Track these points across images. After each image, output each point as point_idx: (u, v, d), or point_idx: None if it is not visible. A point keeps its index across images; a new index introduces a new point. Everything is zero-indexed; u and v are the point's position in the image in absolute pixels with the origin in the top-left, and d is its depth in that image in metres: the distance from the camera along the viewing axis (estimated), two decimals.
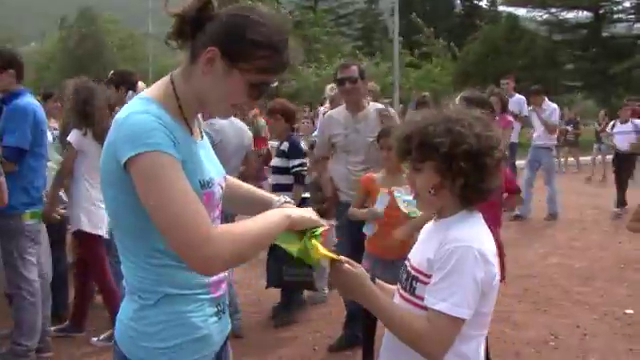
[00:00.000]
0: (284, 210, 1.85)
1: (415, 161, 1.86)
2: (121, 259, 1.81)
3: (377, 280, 2.00)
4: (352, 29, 50.51)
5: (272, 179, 5.59)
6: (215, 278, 1.84)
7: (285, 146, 5.42)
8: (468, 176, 1.79)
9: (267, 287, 5.41)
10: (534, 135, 10.27)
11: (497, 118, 6.21)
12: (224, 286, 1.92)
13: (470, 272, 1.73)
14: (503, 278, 4.23)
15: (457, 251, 1.74)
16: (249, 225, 1.71)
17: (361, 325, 4.34)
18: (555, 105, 10.33)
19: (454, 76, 26.04)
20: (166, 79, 1.82)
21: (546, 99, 10.16)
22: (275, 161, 5.53)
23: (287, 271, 4.66)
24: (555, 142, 10.59)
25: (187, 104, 1.79)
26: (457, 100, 3.57)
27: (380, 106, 5.01)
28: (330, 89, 8.46)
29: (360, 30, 50.95)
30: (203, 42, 1.72)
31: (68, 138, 4.78)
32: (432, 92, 17.21)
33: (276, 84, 1.86)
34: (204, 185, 1.77)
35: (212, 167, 1.88)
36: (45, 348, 4.65)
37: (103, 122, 4.68)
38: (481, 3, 44.89)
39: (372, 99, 5.45)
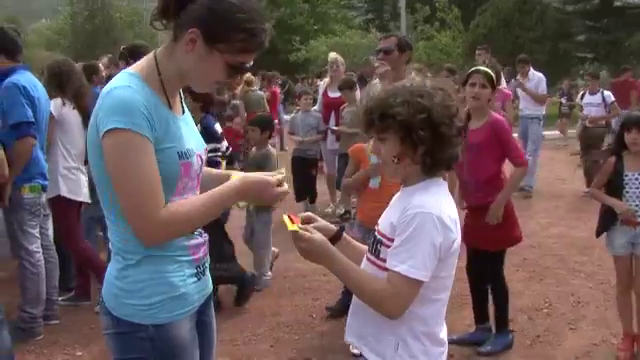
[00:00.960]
0: (232, 184, 1.98)
1: (378, 131, 1.94)
2: (107, 223, 1.94)
3: (347, 237, 2.12)
4: (362, 1, 50.07)
5: None
6: (194, 241, 1.99)
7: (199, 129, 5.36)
8: (428, 145, 1.86)
9: None
10: (520, 105, 10.15)
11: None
12: (204, 249, 2.05)
13: (428, 237, 1.82)
14: (519, 239, 4.40)
15: (417, 217, 1.83)
16: (197, 205, 1.89)
17: None
18: (541, 74, 10.06)
19: (464, 48, 25.84)
20: (150, 55, 1.95)
21: (531, 69, 9.98)
22: None
23: (217, 266, 4.69)
24: (543, 112, 10.14)
25: (169, 80, 1.92)
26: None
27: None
28: (332, 61, 8.45)
29: (370, 2, 50.49)
30: (185, 23, 1.84)
31: (50, 109, 4.87)
32: (441, 63, 17.14)
33: (251, 64, 1.97)
34: (182, 156, 1.90)
35: (192, 139, 2.01)
36: (52, 316, 4.83)
37: (80, 92, 4.98)
38: None
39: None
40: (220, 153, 5.16)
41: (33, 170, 4.51)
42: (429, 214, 1.83)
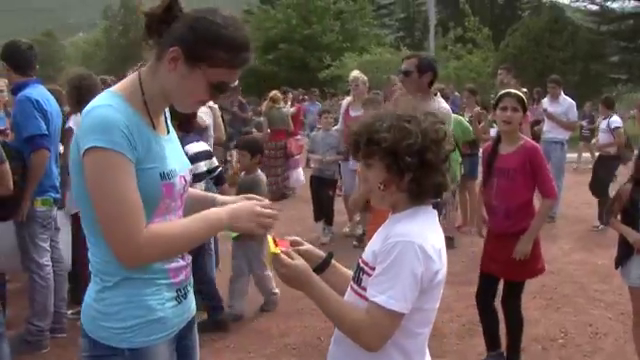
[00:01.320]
0: (219, 212, 1.92)
1: (365, 157, 1.89)
2: (87, 243, 1.91)
3: (336, 264, 2.07)
4: (393, 19, 50.15)
5: None
6: (175, 264, 1.95)
7: None
8: (414, 172, 1.80)
9: None
10: (544, 128, 9.67)
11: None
12: (186, 272, 2.01)
13: (409, 267, 1.75)
14: (540, 272, 4.28)
15: (398, 245, 1.76)
16: (179, 228, 1.84)
17: None
18: (571, 101, 9.49)
19: (494, 68, 25.60)
20: (135, 75, 1.92)
21: (562, 93, 9.45)
22: None
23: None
24: (567, 136, 9.47)
25: (152, 99, 1.89)
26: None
27: (442, 106, 4.86)
28: (354, 78, 8.37)
29: (402, 20, 50.57)
30: (168, 41, 1.82)
31: (69, 124, 4.94)
32: (471, 83, 16.96)
33: (236, 83, 1.93)
34: (164, 177, 1.86)
35: (175, 160, 1.97)
36: (59, 329, 4.83)
37: None
38: None
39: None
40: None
41: (46, 183, 4.55)
42: (410, 243, 1.76)
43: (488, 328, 4.42)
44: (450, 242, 7.60)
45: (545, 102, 9.74)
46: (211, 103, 5.66)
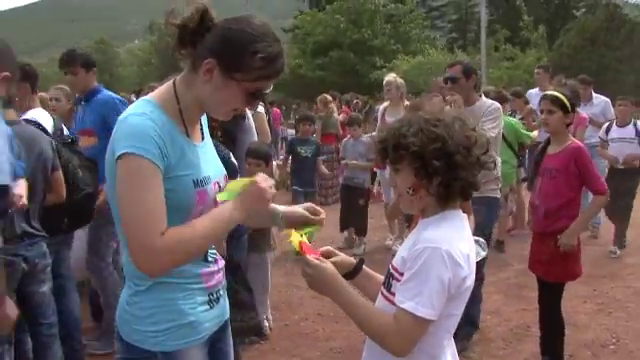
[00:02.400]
0: (225, 205, 1.92)
1: (393, 162, 1.90)
2: (121, 247, 1.98)
3: (368, 270, 2.08)
4: (445, 21, 49.70)
5: None
6: (207, 269, 2.01)
7: None
8: (443, 175, 1.80)
9: None
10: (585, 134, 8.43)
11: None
12: (219, 277, 2.07)
13: (436, 273, 1.75)
14: (578, 275, 4.22)
15: (426, 251, 1.76)
16: (201, 227, 1.83)
17: None
18: (606, 99, 8.67)
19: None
20: (170, 83, 1.98)
21: (593, 92, 8.63)
22: None
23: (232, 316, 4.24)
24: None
25: (187, 107, 1.95)
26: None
27: (489, 102, 4.94)
28: (387, 82, 8.09)
29: (454, 22, 50.08)
30: (202, 53, 1.87)
31: None
32: (525, 84, 16.69)
33: (270, 89, 1.99)
34: (197, 184, 1.92)
35: (209, 167, 2.02)
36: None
37: None
38: None
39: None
40: None
41: None
42: (438, 249, 1.76)
43: (545, 333, 4.36)
44: (500, 246, 7.52)
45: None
46: (260, 108, 5.71)
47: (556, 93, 4.20)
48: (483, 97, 5.07)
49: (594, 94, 8.70)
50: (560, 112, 4.07)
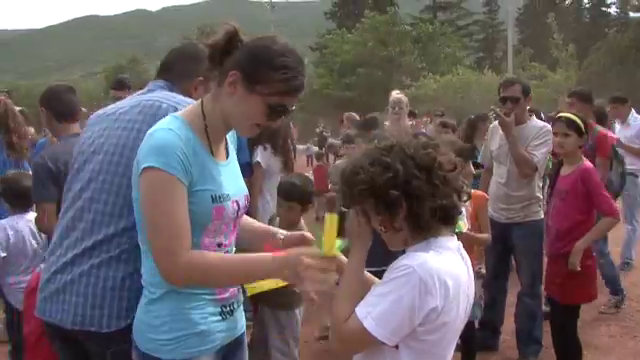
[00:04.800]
0: (267, 258, 1.92)
1: (354, 205, 1.81)
2: (143, 259, 2.02)
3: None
4: (473, 40, 49.66)
5: None
6: None
7: None
8: (407, 204, 1.72)
9: None
10: None
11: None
12: (233, 290, 2.09)
13: (403, 295, 1.65)
14: (593, 297, 4.19)
15: (404, 269, 1.68)
16: (221, 263, 1.92)
17: None
18: None
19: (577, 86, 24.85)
20: (198, 101, 2.05)
21: (633, 111, 7.53)
22: None
23: None
24: None
25: (213, 124, 2.00)
26: None
27: (541, 124, 4.74)
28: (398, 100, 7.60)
29: (481, 41, 50.05)
30: (228, 67, 1.93)
31: (256, 158, 5.14)
32: (553, 103, 16.60)
33: (294, 108, 2.03)
34: (215, 199, 1.96)
35: (231, 185, 2.05)
36: None
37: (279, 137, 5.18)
38: (610, 10, 42.56)
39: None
40: None
41: None
42: (414, 272, 1.66)
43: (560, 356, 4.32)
44: None
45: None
46: None
47: (571, 116, 4.13)
48: (534, 117, 4.88)
49: (634, 115, 7.54)
50: (575, 135, 4.04)
